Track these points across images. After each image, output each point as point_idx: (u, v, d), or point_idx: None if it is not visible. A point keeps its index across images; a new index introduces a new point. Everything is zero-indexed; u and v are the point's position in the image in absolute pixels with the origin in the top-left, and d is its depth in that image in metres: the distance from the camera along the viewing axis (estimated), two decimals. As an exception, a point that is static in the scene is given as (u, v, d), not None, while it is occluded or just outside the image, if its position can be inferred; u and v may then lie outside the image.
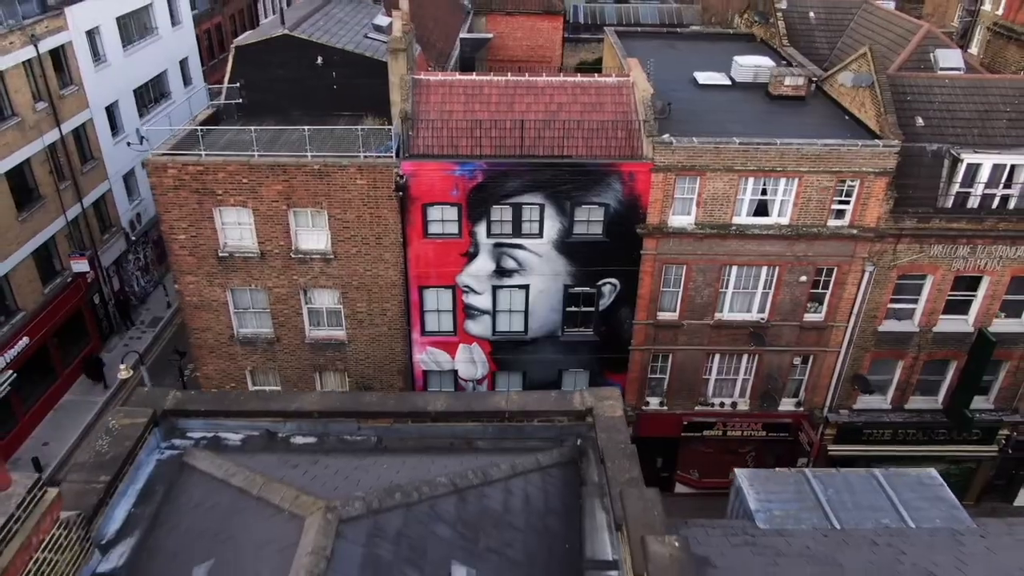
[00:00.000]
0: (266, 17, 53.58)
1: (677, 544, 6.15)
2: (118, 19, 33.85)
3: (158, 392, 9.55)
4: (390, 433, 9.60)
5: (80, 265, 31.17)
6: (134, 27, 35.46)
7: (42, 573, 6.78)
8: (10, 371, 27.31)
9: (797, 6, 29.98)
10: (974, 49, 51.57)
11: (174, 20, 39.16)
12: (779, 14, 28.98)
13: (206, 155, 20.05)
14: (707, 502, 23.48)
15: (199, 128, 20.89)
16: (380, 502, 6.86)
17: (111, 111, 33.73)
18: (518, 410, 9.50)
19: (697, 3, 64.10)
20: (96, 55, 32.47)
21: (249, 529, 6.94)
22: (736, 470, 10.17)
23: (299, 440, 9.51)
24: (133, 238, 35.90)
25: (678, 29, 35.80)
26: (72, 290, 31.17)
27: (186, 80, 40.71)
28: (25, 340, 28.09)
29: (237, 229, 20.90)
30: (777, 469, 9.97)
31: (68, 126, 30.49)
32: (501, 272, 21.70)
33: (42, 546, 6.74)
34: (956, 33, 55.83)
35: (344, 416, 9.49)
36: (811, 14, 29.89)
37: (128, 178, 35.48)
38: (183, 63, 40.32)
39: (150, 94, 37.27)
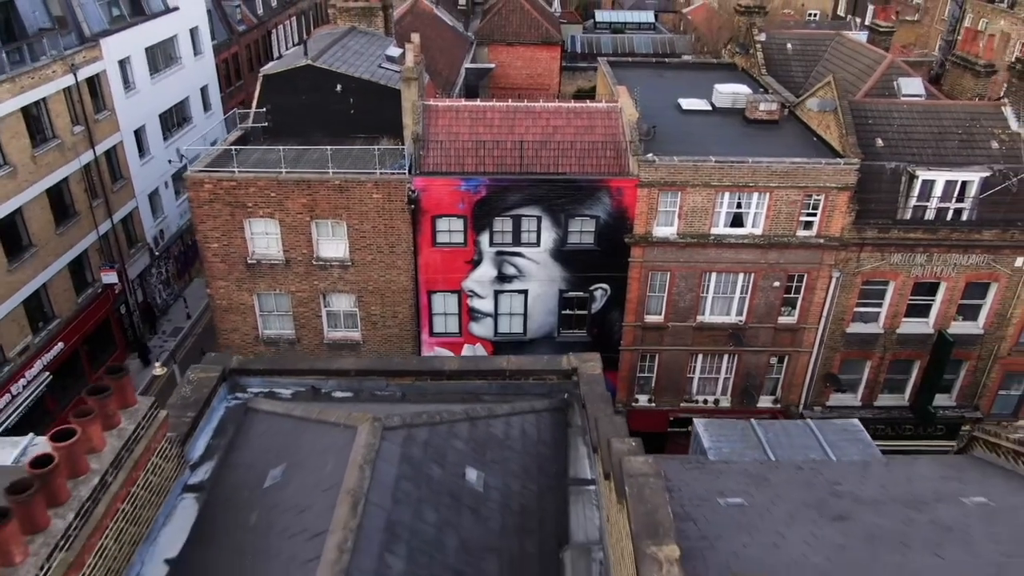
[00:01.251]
0: (278, 47, 56.46)
1: (634, 443, 8.30)
2: (147, 49, 36.47)
3: (224, 355, 11.76)
4: (412, 389, 11.78)
5: (110, 277, 33.43)
6: (160, 57, 38.08)
7: (155, 474, 8.96)
8: (47, 373, 29.53)
9: (775, 38, 32.55)
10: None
11: (196, 50, 41.82)
12: (758, 45, 31.51)
13: (239, 172, 22.40)
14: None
15: (232, 148, 23.26)
16: (412, 419, 9.05)
17: (139, 134, 36.21)
18: (516, 369, 11.70)
19: (689, 33, 67.11)
20: (127, 83, 35.01)
21: (311, 441, 9.12)
22: (695, 419, 12.32)
23: (338, 394, 11.69)
24: (156, 253, 38.20)
25: (667, 59, 38.35)
26: (102, 300, 33.41)
27: (206, 106, 43.29)
28: (60, 345, 30.28)
29: (264, 239, 23.20)
30: (728, 419, 12.12)
31: (101, 148, 32.91)
32: (502, 278, 23.95)
33: (156, 452, 8.93)
34: (936, 62, 58.48)
35: (375, 374, 11.67)
36: (788, 45, 32.44)
37: (153, 197, 37.87)
38: (203, 90, 42.93)
39: (173, 119, 39.81)
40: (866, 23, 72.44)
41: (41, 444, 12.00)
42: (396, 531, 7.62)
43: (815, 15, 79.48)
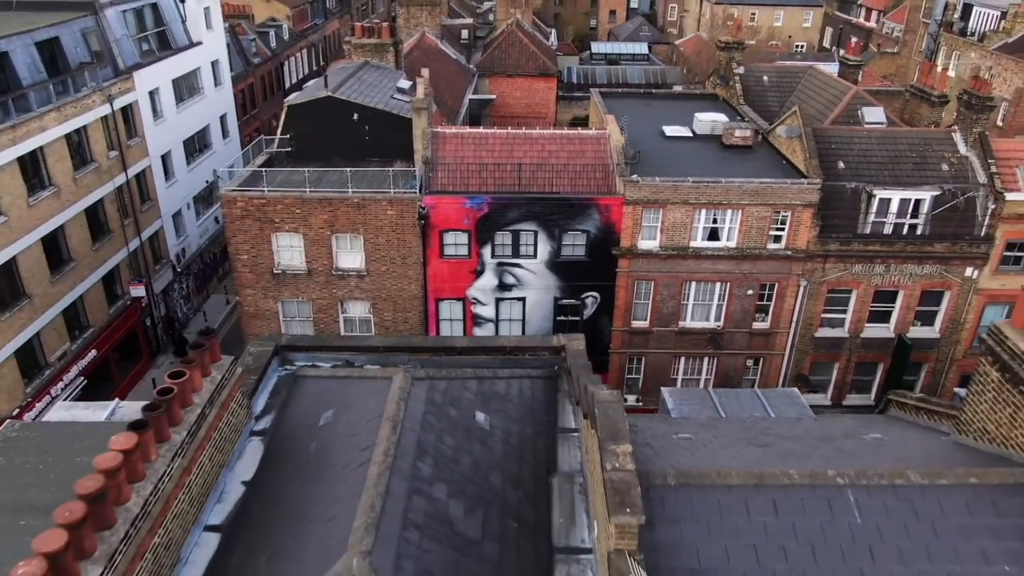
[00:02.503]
0: (290, 78, 59.67)
1: (605, 386, 10.82)
2: (173, 81, 39.43)
3: (276, 335, 14.31)
4: (430, 363, 14.29)
5: (138, 291, 36.05)
6: (185, 88, 41.04)
7: (233, 415, 11.48)
8: (82, 377, 32.01)
9: (752, 71, 35.51)
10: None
11: (216, 81, 44.83)
12: (737, 78, 34.42)
13: (267, 191, 25.11)
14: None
15: (262, 169, 25.99)
16: (434, 374, 11.60)
17: (165, 159, 39.03)
18: (515, 346, 14.22)
19: (680, 64, 70.41)
20: (156, 112, 37.90)
21: (355, 391, 11.66)
22: (663, 388, 14.84)
23: (369, 367, 14.22)
24: (178, 269, 40.84)
25: (654, 90, 41.31)
26: (130, 312, 35.99)
27: (224, 133, 46.22)
28: (94, 352, 32.79)
29: (289, 251, 25.85)
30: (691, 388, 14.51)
31: (132, 171, 35.68)
32: (503, 287, 26.55)
33: (234, 399, 11.46)
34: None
35: (399, 351, 14.18)
36: (764, 78, 35.38)
37: (176, 217, 40.61)
38: (223, 118, 45.87)
39: (196, 145, 42.69)
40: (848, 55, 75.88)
41: (125, 407, 14.65)
42: (424, 448, 10.14)
43: (801, 47, 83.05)
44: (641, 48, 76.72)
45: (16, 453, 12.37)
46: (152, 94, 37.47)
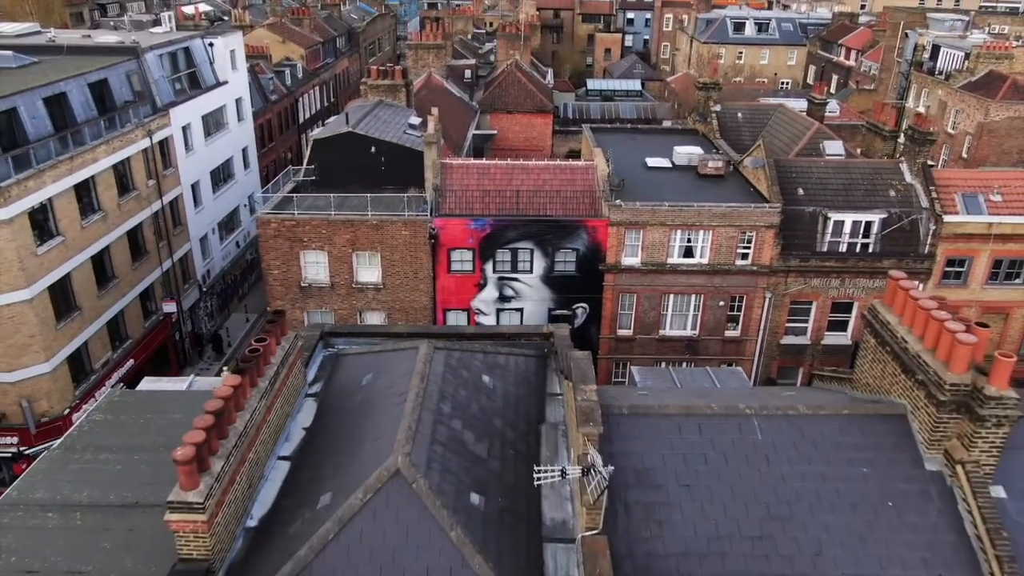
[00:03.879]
0: (303, 113, 63.77)
1: (579, 352, 14.21)
2: (203, 117, 43.30)
3: (321, 324, 17.76)
4: (444, 345, 17.73)
5: (170, 307, 39.51)
6: (212, 123, 44.90)
7: (295, 377, 14.88)
8: (121, 384, 35.31)
9: (728, 109, 39.37)
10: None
11: (239, 117, 48.75)
12: (714, 114, 38.25)
13: (297, 214, 28.71)
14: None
15: (292, 195, 29.63)
16: (450, 345, 15.05)
17: (195, 188, 42.73)
18: (512, 332, 17.67)
19: (672, 100, 74.56)
20: (187, 145, 41.69)
21: (389, 360, 15.08)
22: (632, 366, 18.18)
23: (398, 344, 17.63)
24: (204, 289, 44.33)
25: (640, 126, 45.16)
26: (162, 326, 39.41)
27: (246, 164, 50.05)
28: (131, 362, 36.15)
29: (315, 267, 29.37)
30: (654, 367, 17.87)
31: (167, 198, 39.34)
32: (503, 298, 30.02)
33: (296, 365, 14.88)
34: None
35: (419, 336, 17.62)
36: (739, 115, 39.22)
37: (203, 241, 44.19)
38: (244, 150, 49.72)
39: (221, 175, 46.44)
40: (830, 90, 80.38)
41: (200, 381, 18.15)
42: (444, 395, 13.55)
43: (787, 83, 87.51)
44: (634, 85, 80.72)
45: (121, 412, 15.92)
46: (184, 129, 41.28)
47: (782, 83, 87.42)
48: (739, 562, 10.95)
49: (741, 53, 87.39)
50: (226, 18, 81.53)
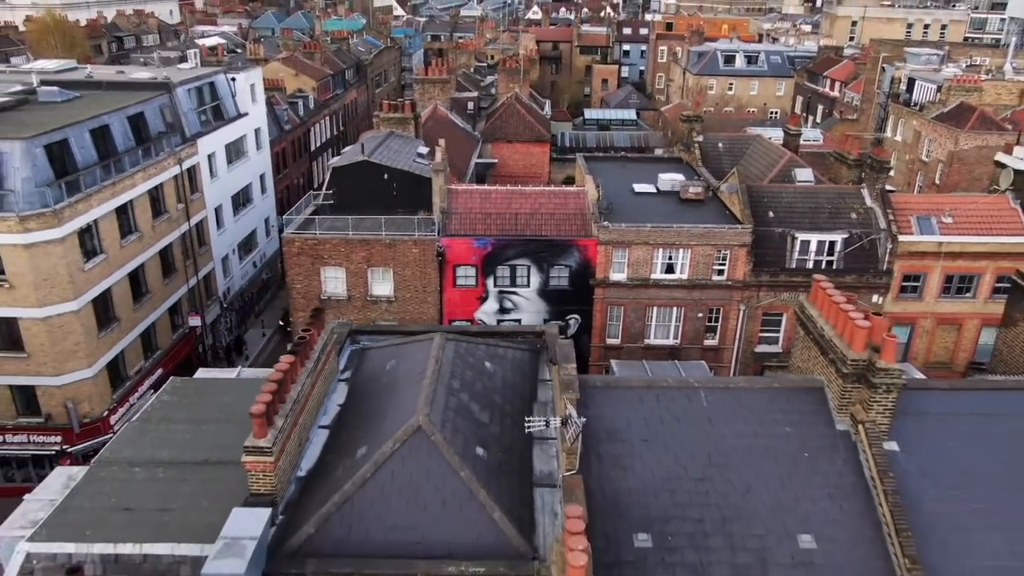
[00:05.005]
0: (315, 142, 67.47)
1: (564, 339, 17.38)
2: (226, 146, 46.86)
3: (348, 323, 20.97)
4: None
5: (195, 321, 42.72)
6: (234, 151, 48.45)
7: (329, 365, 18.05)
8: (152, 391, 38.37)
9: (710, 139, 42.87)
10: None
11: (258, 146, 52.35)
12: (696, 144, 41.74)
13: (319, 234, 32.03)
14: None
15: (314, 217, 32.99)
16: (459, 337, 18.27)
17: (218, 211, 46.15)
18: (510, 331, 20.88)
19: (667, 129, 78.25)
20: (212, 172, 45.18)
21: (408, 350, 18.28)
22: (611, 360, 21.30)
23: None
24: (224, 305, 47.57)
25: (630, 154, 48.66)
26: (188, 339, 42.60)
27: (263, 189, 53.56)
28: (161, 371, 39.27)
29: (334, 281, 32.63)
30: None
31: (193, 221, 42.72)
32: (503, 310, 33.22)
33: (332, 354, 18.08)
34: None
35: (431, 333, 20.81)
36: (720, 144, 42.72)
37: (224, 260, 47.51)
38: (262, 177, 53.26)
39: (240, 199, 49.90)
40: (817, 120, 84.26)
41: (247, 371, 21.34)
42: (454, 375, 16.72)
43: (775, 113, 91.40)
44: (629, 114, 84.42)
45: (184, 395, 19.15)
46: (210, 157, 44.79)
47: (771, 113, 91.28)
48: (685, 497, 14.08)
49: (731, 84, 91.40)
50: (239, 51, 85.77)
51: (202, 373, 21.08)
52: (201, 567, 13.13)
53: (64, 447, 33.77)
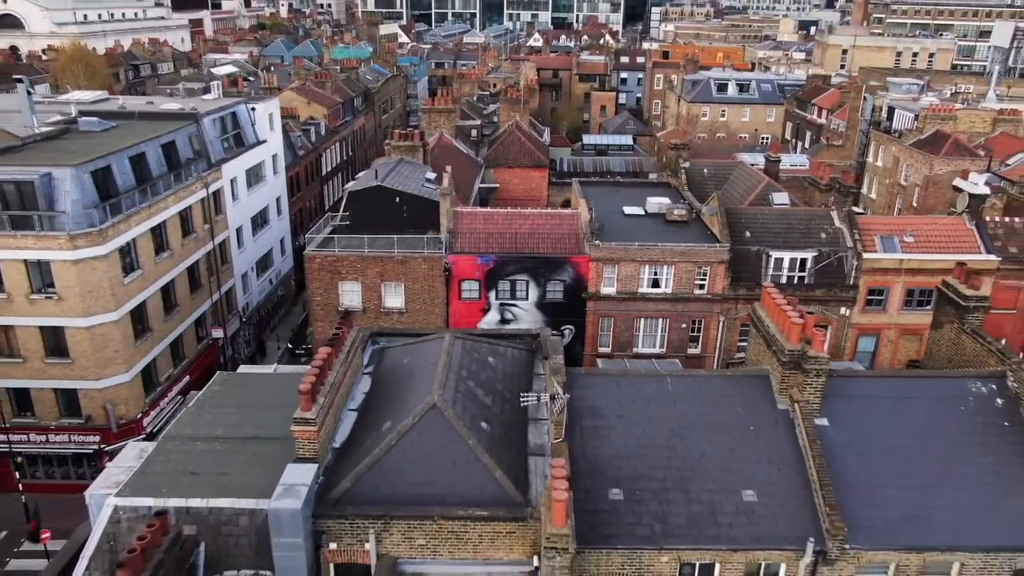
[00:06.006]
0: (326, 166, 71.11)
1: (553, 335, 20.61)
2: (246, 171, 50.40)
3: (370, 328, 24.23)
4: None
5: (218, 333, 45.97)
6: (253, 176, 51.98)
7: (357, 360, 21.30)
8: (180, 396, 41.56)
9: (695, 165, 46.34)
10: (870, 193, 68.48)
11: (275, 171, 55.92)
12: (683, 170, 45.19)
13: (337, 251, 35.39)
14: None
15: (333, 236, 36.39)
16: (466, 337, 21.53)
17: (239, 231, 49.56)
18: (510, 334, 24.13)
19: (662, 154, 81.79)
20: (234, 195, 48.66)
21: (423, 346, 21.53)
22: (597, 359, 24.48)
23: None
24: (243, 319, 50.85)
25: (620, 179, 52.13)
26: (211, 349, 45.82)
27: (279, 211, 57.05)
28: (187, 378, 42.47)
29: (350, 294, 35.92)
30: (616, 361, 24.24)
31: (217, 240, 46.12)
32: (504, 321, 36.44)
33: (359, 350, 21.33)
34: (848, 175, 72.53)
35: (442, 333, 24.06)
36: (705, 170, 46.17)
37: (244, 277, 50.86)
38: (278, 200, 56.78)
39: (258, 221, 53.36)
40: (805, 145, 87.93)
41: (282, 368, 24.54)
42: (462, 366, 19.95)
43: (767, 139, 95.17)
44: (626, 140, 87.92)
45: (230, 386, 22.37)
46: (232, 181, 48.30)
47: (762, 138, 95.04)
48: (651, 460, 17.27)
49: (724, 111, 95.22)
50: (252, 78, 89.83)
51: (244, 369, 24.31)
52: (256, 518, 16.39)
53: (102, 446, 36.89)
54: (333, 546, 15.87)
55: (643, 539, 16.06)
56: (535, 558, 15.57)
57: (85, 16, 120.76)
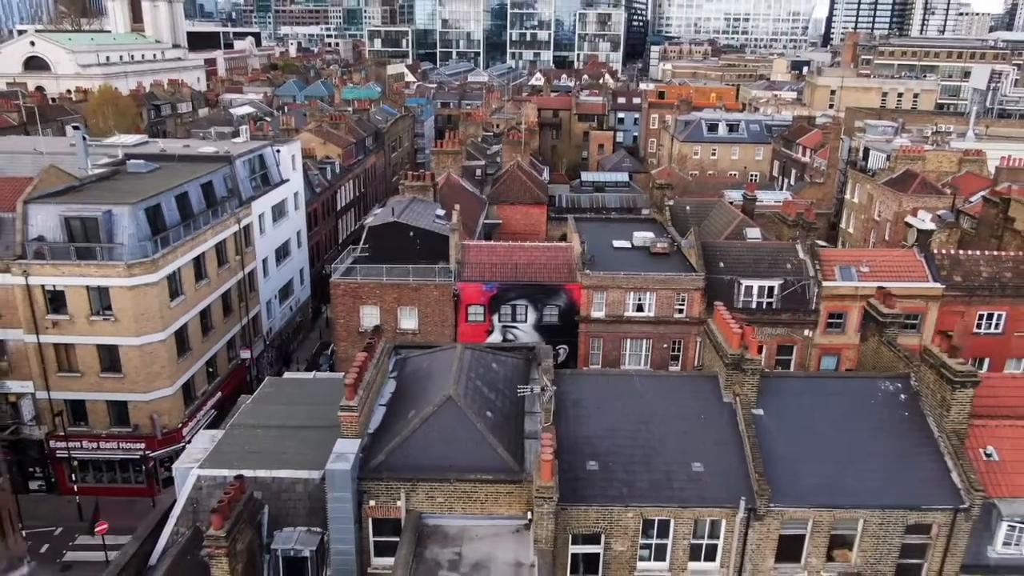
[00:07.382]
0: (340, 201, 76.31)
1: (544, 345, 25.25)
2: (272, 207, 55.49)
3: (392, 342, 28.91)
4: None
5: (246, 354, 50.65)
6: (278, 212, 57.07)
7: (383, 363, 25.98)
8: (213, 410, 46.10)
9: (679, 203, 51.33)
10: (848, 227, 73.33)
11: (296, 207, 61.04)
12: (667, 208, 50.15)
13: (359, 279, 40.21)
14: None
15: (355, 265, 41.26)
16: (474, 348, 26.23)
17: (264, 262, 54.49)
18: (510, 347, 28.79)
19: (648, 192, 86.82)
20: (261, 229, 53.67)
21: (438, 355, 26.22)
22: (584, 368, 29.12)
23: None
24: (267, 343, 55.53)
25: (612, 214, 57.10)
26: (240, 369, 50.44)
27: (299, 244, 62.04)
28: (219, 394, 47.05)
29: (370, 316, 40.64)
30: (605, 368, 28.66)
31: (246, 270, 51.01)
32: (505, 341, 41.03)
33: (386, 356, 26.01)
34: (831, 214, 77.88)
35: (454, 345, 28.73)
36: (687, 208, 51.13)
37: (268, 304, 55.66)
38: (298, 233, 61.84)
39: (282, 252, 58.33)
40: (791, 183, 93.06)
41: (322, 375, 29.28)
42: (471, 368, 24.60)
43: (755, 176, 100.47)
44: (622, 177, 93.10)
45: (278, 389, 27.02)
46: (260, 217, 53.35)
47: (751, 176, 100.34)
48: (621, 440, 21.87)
49: (715, 150, 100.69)
50: (268, 118, 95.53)
51: (289, 375, 28.99)
52: (308, 486, 21.00)
53: (147, 452, 41.40)
54: (372, 503, 20.40)
55: (614, 499, 20.60)
56: (528, 513, 20.09)
57: (107, 58, 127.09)
